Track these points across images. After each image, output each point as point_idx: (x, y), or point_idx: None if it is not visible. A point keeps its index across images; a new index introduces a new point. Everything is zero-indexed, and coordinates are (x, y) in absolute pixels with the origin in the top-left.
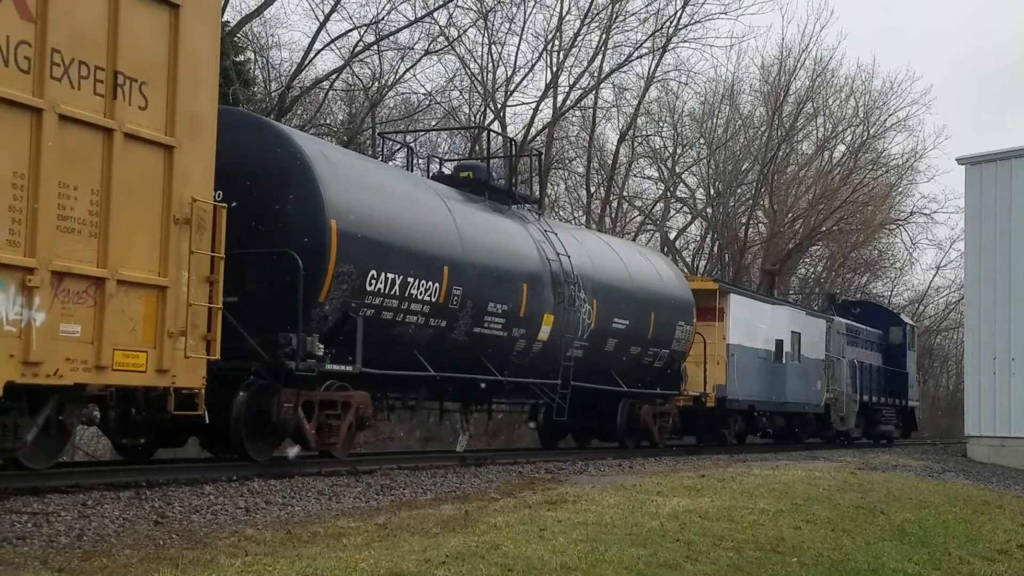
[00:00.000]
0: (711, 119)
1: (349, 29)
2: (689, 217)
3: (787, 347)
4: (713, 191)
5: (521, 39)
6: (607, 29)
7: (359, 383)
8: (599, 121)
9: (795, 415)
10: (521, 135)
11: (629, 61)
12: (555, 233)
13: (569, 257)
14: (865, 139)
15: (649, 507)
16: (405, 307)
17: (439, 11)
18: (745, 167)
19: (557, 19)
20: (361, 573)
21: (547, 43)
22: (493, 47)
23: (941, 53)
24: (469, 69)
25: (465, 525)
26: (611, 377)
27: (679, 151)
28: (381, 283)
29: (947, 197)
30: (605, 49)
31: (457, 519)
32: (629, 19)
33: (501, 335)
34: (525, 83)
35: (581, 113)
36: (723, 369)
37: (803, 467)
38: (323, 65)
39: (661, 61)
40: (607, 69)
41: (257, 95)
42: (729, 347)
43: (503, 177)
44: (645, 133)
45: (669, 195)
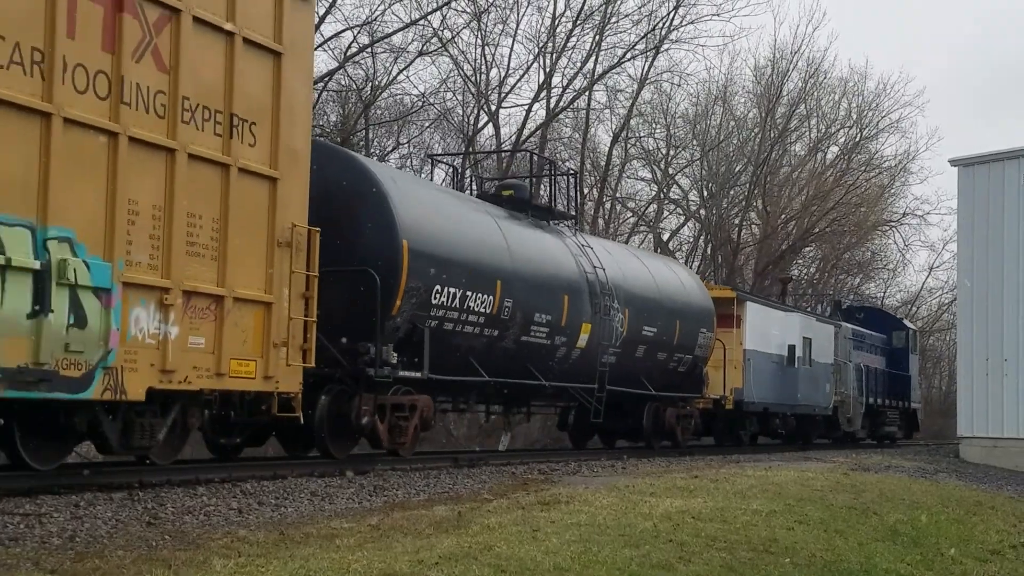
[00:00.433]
0: (704, 120)
1: (342, 30)
2: (682, 218)
3: (799, 352)
4: (706, 192)
5: (515, 41)
6: (600, 30)
7: (422, 388)
8: (592, 122)
9: (806, 417)
10: (514, 136)
11: (622, 62)
12: (591, 247)
13: (604, 270)
14: (858, 140)
15: (642, 508)
16: (463, 318)
17: (433, 13)
18: (738, 168)
19: (550, 20)
20: (354, 574)
21: (540, 44)
22: (487, 48)
23: (934, 56)
24: (463, 70)
25: (458, 526)
26: (640, 381)
27: (672, 152)
28: (444, 297)
29: (940, 198)
30: (598, 50)
31: (450, 520)
32: (622, 21)
33: (545, 343)
34: (520, 85)
35: (574, 114)
36: (740, 373)
37: (796, 468)
38: (316, 66)
39: (654, 63)
40: (600, 70)
41: None
42: (745, 352)
43: (533, 194)
44: (638, 134)
45: (662, 196)
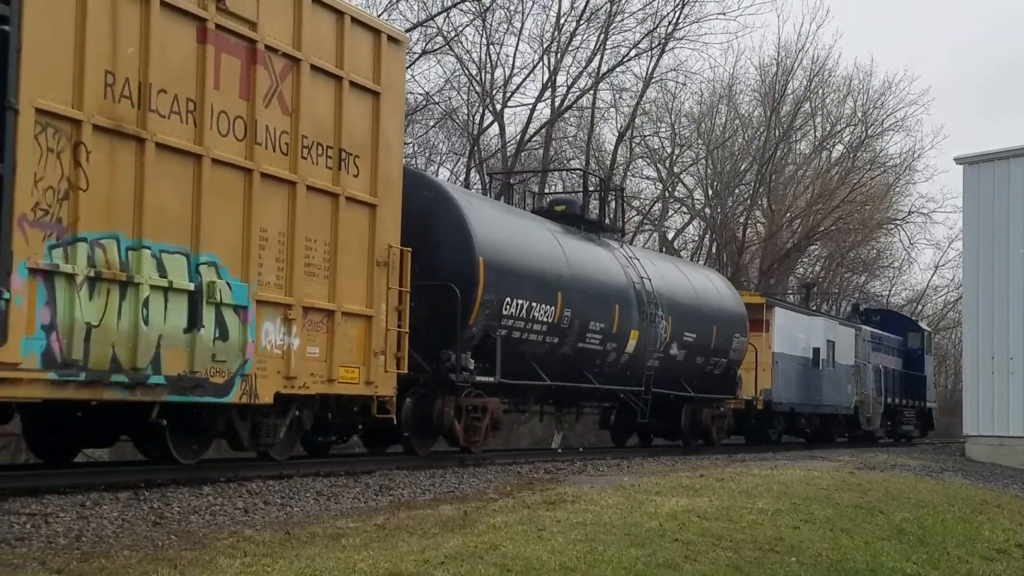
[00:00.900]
0: (709, 119)
1: None
2: (687, 217)
3: (823, 354)
4: (711, 191)
5: (519, 40)
6: (605, 29)
7: (491, 391)
8: (597, 121)
9: (829, 416)
10: (519, 135)
11: (625, 61)
12: (638, 259)
13: (650, 280)
14: (863, 139)
15: (648, 507)
16: (529, 327)
17: (441, 14)
18: (743, 167)
19: (555, 19)
20: (360, 573)
21: (545, 44)
22: (491, 47)
23: (938, 53)
24: (467, 69)
25: (464, 525)
26: (680, 384)
27: (677, 151)
28: (513, 308)
29: (945, 197)
30: (603, 49)
31: (456, 519)
32: (627, 19)
33: (598, 349)
34: (524, 84)
35: (579, 113)
36: (769, 375)
37: (801, 467)
38: None
39: (659, 61)
40: (605, 69)
41: None
42: (774, 355)
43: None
44: (643, 133)
45: (667, 195)
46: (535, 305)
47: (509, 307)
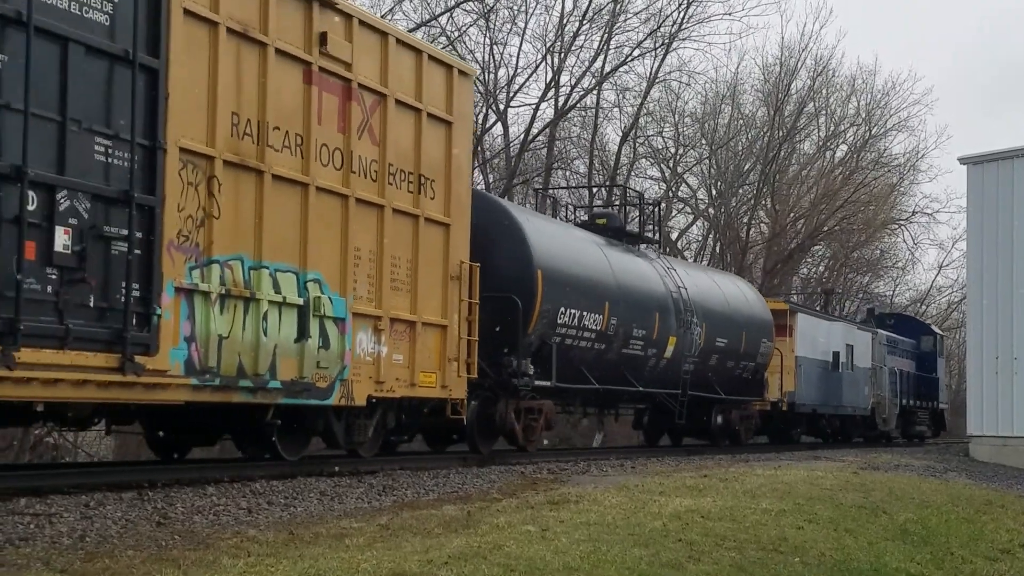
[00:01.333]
0: (712, 119)
1: None
2: (691, 217)
3: (842, 358)
4: (715, 191)
5: (523, 39)
6: (608, 29)
7: (545, 394)
8: (601, 121)
9: (847, 417)
10: (522, 135)
11: (628, 61)
12: (674, 269)
13: (686, 289)
14: (867, 139)
15: (651, 507)
16: (580, 335)
17: (444, 14)
18: (747, 167)
19: (559, 19)
20: (363, 573)
21: (548, 43)
22: (495, 47)
23: (941, 53)
24: None
25: (467, 525)
26: (712, 386)
27: (681, 151)
28: (567, 317)
29: (949, 197)
30: (607, 49)
31: (459, 519)
32: (631, 19)
33: (640, 354)
34: (528, 84)
35: (583, 113)
36: (792, 378)
37: (805, 467)
38: None
39: (663, 61)
40: (608, 69)
41: None
42: (797, 359)
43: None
44: (647, 133)
45: (671, 195)
46: (585, 314)
47: (563, 316)
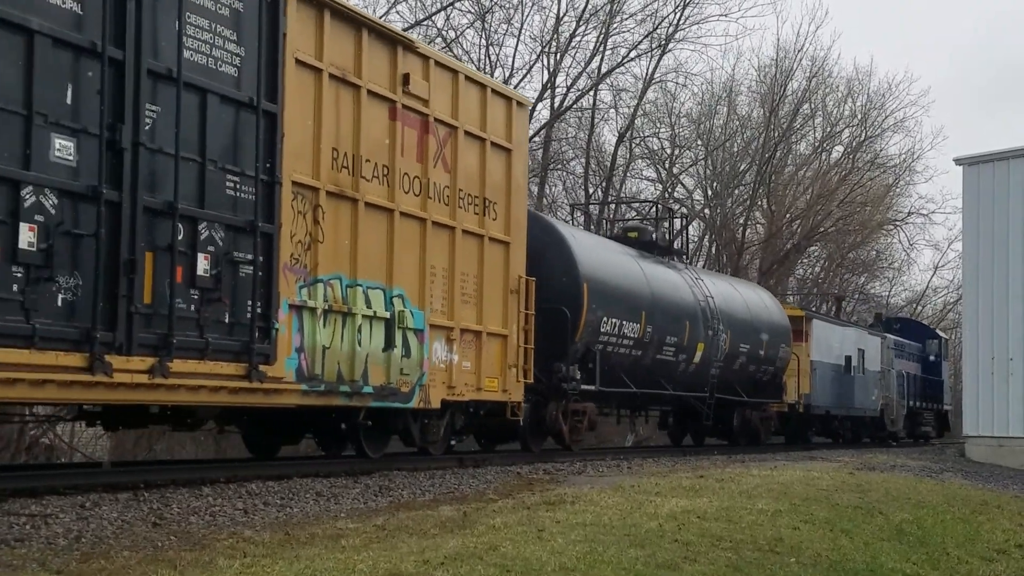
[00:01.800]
0: (708, 120)
1: None
2: (687, 219)
3: (854, 361)
4: (711, 192)
5: (519, 40)
6: (605, 30)
7: (587, 397)
8: (597, 122)
9: (858, 419)
10: None
11: (626, 62)
12: (701, 279)
13: (713, 298)
14: (863, 140)
15: (647, 508)
16: (619, 342)
17: (438, 13)
18: (743, 168)
19: (554, 20)
20: (359, 574)
21: (544, 44)
22: (491, 48)
23: (937, 53)
24: None
25: (463, 526)
26: (735, 389)
27: (677, 152)
28: (609, 326)
29: (944, 197)
30: (603, 50)
31: (455, 520)
32: (627, 20)
33: (672, 360)
34: (523, 84)
35: (579, 114)
36: (808, 381)
37: (801, 467)
38: None
39: (659, 62)
40: (604, 70)
41: None
42: (812, 363)
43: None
44: (643, 134)
45: (667, 196)
46: (625, 323)
47: (606, 325)
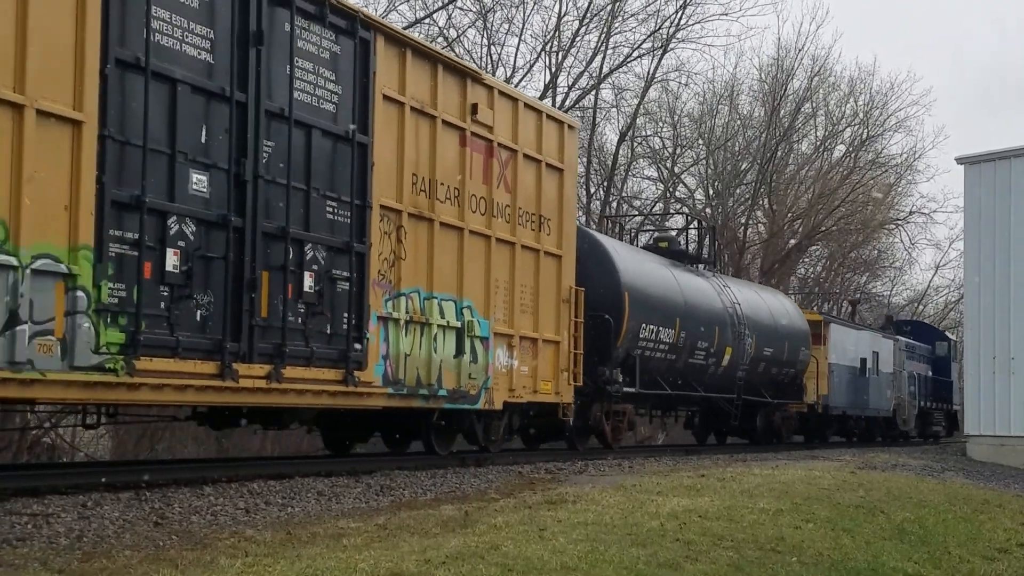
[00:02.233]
0: (710, 119)
1: None
2: (688, 218)
3: (869, 364)
4: (712, 191)
5: (520, 40)
6: (606, 30)
7: (626, 398)
8: (598, 121)
9: (872, 419)
10: None
11: (628, 61)
12: (729, 287)
13: (739, 305)
14: (865, 139)
15: (649, 507)
16: (656, 347)
17: (438, 11)
18: (744, 167)
19: (556, 19)
20: (361, 573)
21: (546, 43)
22: (492, 48)
23: (938, 52)
24: None
25: (465, 525)
26: (759, 391)
27: (678, 151)
28: (647, 332)
29: (946, 197)
30: (605, 49)
31: (457, 519)
32: (628, 20)
33: (703, 363)
34: (524, 83)
35: (581, 113)
36: (826, 382)
37: (803, 466)
38: None
39: (661, 62)
40: (606, 69)
41: None
42: (830, 365)
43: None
44: (644, 134)
45: (668, 195)
46: (661, 329)
47: (644, 331)
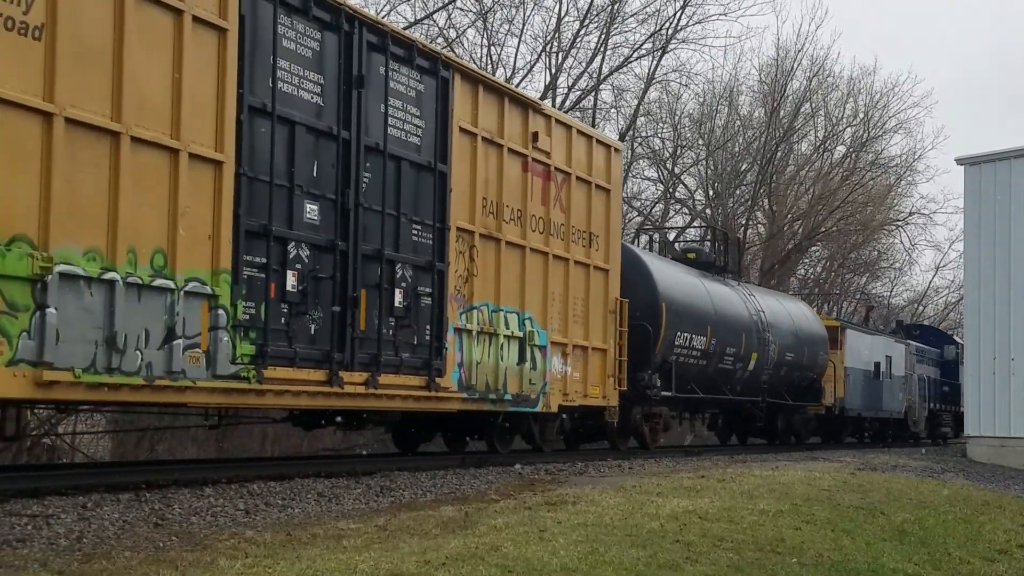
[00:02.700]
0: (710, 120)
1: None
2: (688, 218)
3: (882, 367)
4: (712, 192)
5: (520, 40)
6: (607, 30)
7: (661, 401)
8: (598, 122)
9: (886, 420)
10: None
11: (628, 62)
12: (753, 295)
13: (764, 312)
14: (865, 140)
15: (649, 508)
16: (690, 353)
17: (438, 12)
18: (744, 168)
19: (556, 20)
20: (361, 574)
21: (546, 44)
22: (492, 48)
23: (938, 53)
24: None
25: (465, 526)
26: (782, 394)
27: (678, 152)
28: (681, 340)
29: (946, 197)
30: (604, 50)
31: (457, 520)
32: (628, 20)
33: (731, 368)
34: (524, 84)
35: (581, 114)
36: (842, 385)
37: (803, 467)
38: None
39: (660, 62)
40: (606, 70)
41: None
42: (846, 369)
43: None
44: (644, 134)
45: (668, 196)
46: (694, 336)
47: (679, 339)
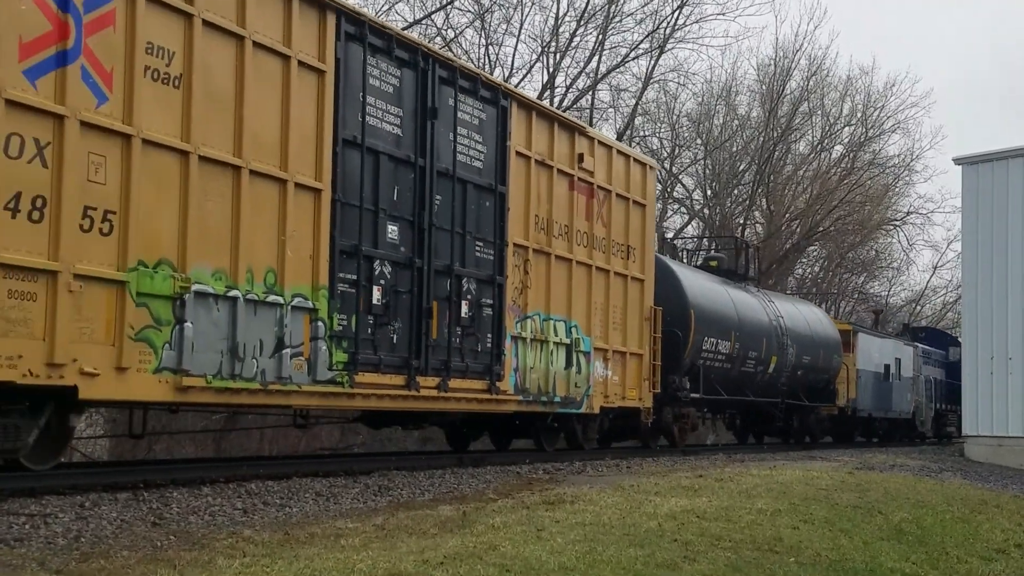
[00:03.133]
0: (708, 120)
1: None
2: (686, 217)
3: (892, 369)
4: (710, 191)
5: (518, 40)
6: (604, 30)
7: (688, 403)
8: (596, 122)
9: (895, 420)
10: None
11: (626, 62)
12: (772, 302)
13: (783, 318)
14: (863, 140)
15: (647, 507)
16: (715, 357)
17: (436, 12)
18: (742, 167)
19: (554, 20)
20: (359, 574)
21: (544, 44)
22: (490, 48)
23: (936, 52)
24: None
25: (463, 526)
26: (799, 395)
27: (676, 152)
28: (709, 345)
29: (944, 197)
30: (602, 50)
31: (455, 520)
32: (626, 20)
33: (752, 371)
34: (523, 84)
35: (578, 114)
36: (854, 387)
37: (801, 467)
38: None
39: (658, 62)
40: (604, 70)
41: None
42: (858, 371)
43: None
44: (642, 134)
45: (666, 195)
46: (720, 341)
47: (706, 344)
